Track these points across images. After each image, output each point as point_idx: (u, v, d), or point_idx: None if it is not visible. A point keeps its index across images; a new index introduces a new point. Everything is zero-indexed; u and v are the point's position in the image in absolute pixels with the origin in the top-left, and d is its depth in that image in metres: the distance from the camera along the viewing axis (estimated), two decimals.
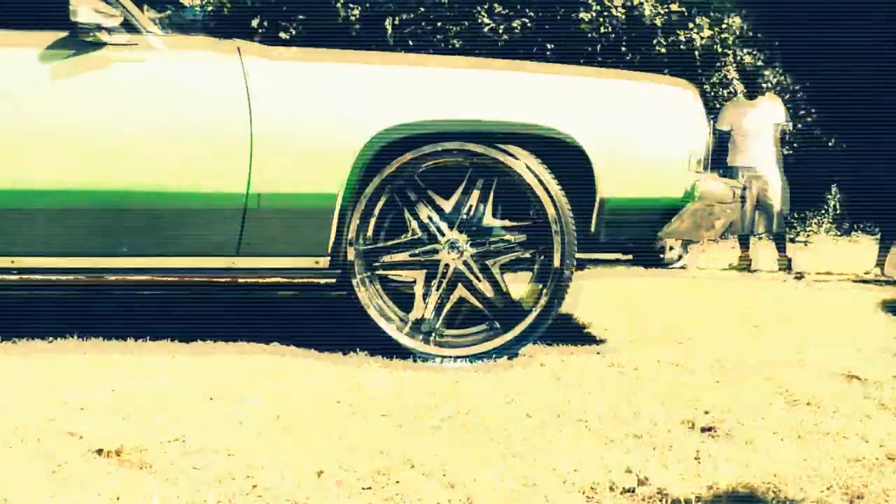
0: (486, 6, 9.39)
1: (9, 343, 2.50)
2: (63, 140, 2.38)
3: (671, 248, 6.40)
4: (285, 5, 9.16)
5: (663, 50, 8.77)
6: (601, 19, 9.11)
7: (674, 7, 8.91)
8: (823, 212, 10.34)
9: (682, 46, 8.94)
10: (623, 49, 8.98)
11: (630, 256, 6.05)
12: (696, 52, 8.93)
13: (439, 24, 9.59)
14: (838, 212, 10.38)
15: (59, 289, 3.52)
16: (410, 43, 9.35)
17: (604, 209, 2.57)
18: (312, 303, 3.54)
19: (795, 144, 8.89)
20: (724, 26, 9.23)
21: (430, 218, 2.57)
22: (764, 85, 6.27)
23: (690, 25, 8.90)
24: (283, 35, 8.77)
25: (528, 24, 9.25)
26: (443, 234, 2.56)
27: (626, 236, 2.78)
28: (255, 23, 8.57)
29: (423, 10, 9.63)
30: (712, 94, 9.06)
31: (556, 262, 2.55)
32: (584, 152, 2.54)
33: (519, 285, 2.63)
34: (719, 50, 9.19)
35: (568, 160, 2.56)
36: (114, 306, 3.25)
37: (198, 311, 3.28)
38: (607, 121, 2.60)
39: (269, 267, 2.57)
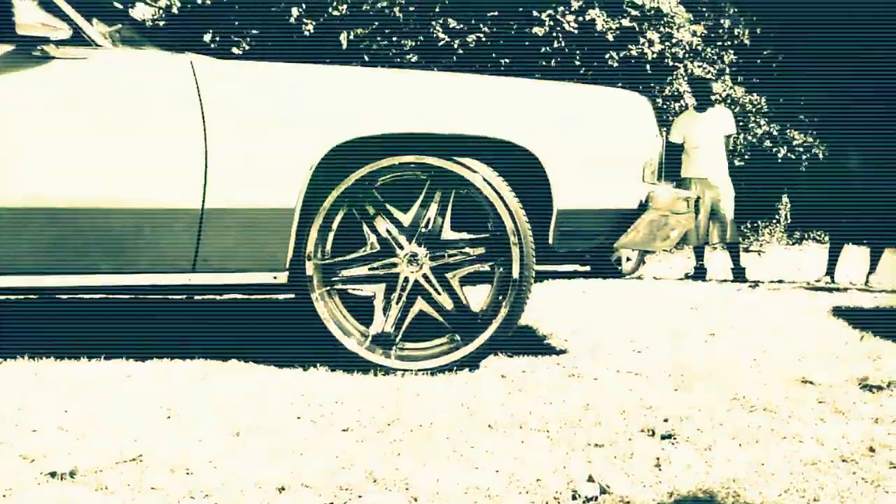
0: (440, 21, 9.45)
1: None
2: (10, 157, 2.31)
3: (628, 259, 6.51)
4: (237, 20, 9.10)
5: (615, 63, 8.92)
6: (554, 33, 9.24)
7: (625, 22, 9.07)
8: (775, 221, 10.61)
9: (633, 60, 9.11)
10: (577, 63, 9.10)
11: (587, 268, 6.12)
12: (648, 66, 9.10)
13: (395, 38, 9.62)
14: (789, 221, 10.66)
15: (8, 307, 3.43)
16: (366, 58, 9.36)
17: (560, 220, 2.58)
18: (271, 318, 3.51)
19: (747, 156, 9.10)
20: (674, 41, 9.43)
21: (388, 231, 2.56)
22: (712, 97, 6.42)
23: (642, 40, 9.08)
24: (235, 50, 8.70)
25: (483, 39, 9.34)
26: (402, 248, 2.56)
27: (583, 247, 2.80)
28: (207, 38, 8.49)
29: (378, 24, 9.65)
30: (664, 106, 9.24)
31: (515, 274, 2.56)
32: (540, 163, 2.56)
33: (479, 297, 2.64)
34: (670, 63, 9.38)
35: (525, 171, 2.58)
36: (66, 324, 3.17)
37: (153, 327, 3.22)
38: (563, 132, 2.62)
39: (227, 283, 2.53)
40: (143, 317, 3.46)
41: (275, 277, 2.50)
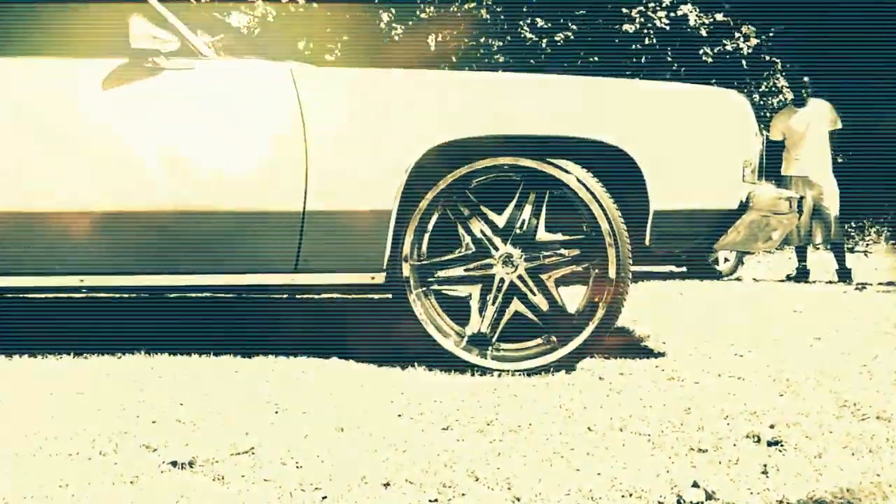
0: (528, 20, 9.41)
1: (80, 359, 2.58)
2: (124, 163, 2.45)
3: (726, 260, 6.32)
4: (329, 27, 9.32)
5: (710, 60, 8.69)
6: (645, 30, 9.08)
7: (718, 17, 8.83)
8: (882, 220, 10.06)
9: (728, 56, 8.85)
10: (668, 59, 8.92)
11: (684, 269, 5.98)
12: (743, 61, 8.83)
13: (482, 39, 9.64)
14: None
15: (125, 307, 3.62)
16: (453, 59, 9.43)
17: (657, 221, 2.55)
18: (370, 317, 3.59)
19: (850, 152, 8.69)
20: (771, 34, 9.11)
21: (483, 232, 2.58)
22: (807, 91, 6.12)
23: (736, 34, 8.82)
24: (327, 56, 8.92)
25: (571, 37, 9.25)
26: (496, 249, 2.57)
27: (681, 248, 2.76)
28: (301, 45, 8.73)
29: (465, 25, 9.70)
30: (761, 102, 8.94)
31: (612, 275, 2.54)
32: (636, 164, 2.53)
33: (575, 298, 2.63)
34: (766, 59, 9.08)
35: (620, 172, 2.55)
36: (178, 322, 3.33)
37: (258, 325, 3.34)
38: (659, 131, 2.59)
39: (327, 283, 2.61)
40: (247, 315, 3.60)
41: (372, 278, 2.56)
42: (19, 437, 1.85)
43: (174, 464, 1.71)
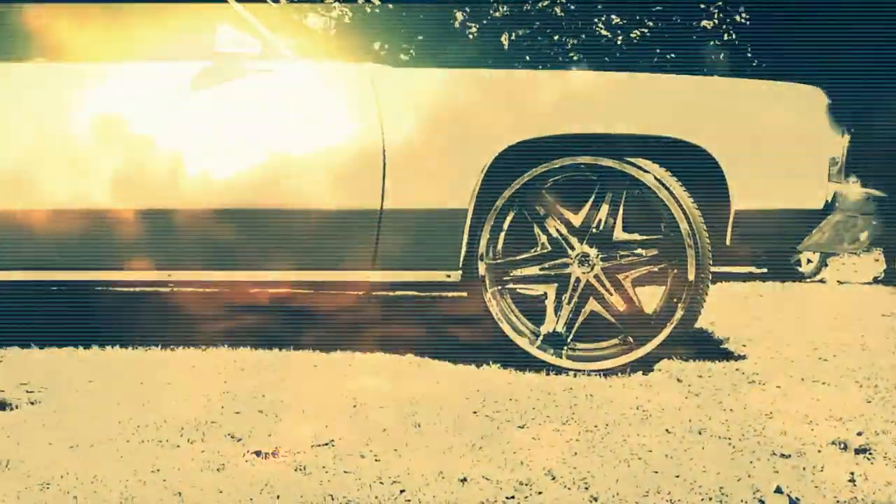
0: (603, 17, 9.30)
1: (167, 351, 2.69)
2: (210, 163, 2.54)
3: (808, 261, 6.13)
4: (404, 27, 9.41)
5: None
6: (724, 26, 8.87)
7: None
8: None
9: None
10: (748, 55, 8.70)
11: (765, 269, 5.82)
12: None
13: (556, 37, 9.58)
14: None
15: (201, 300, 3.75)
16: (527, 58, 9.40)
17: (738, 221, 2.50)
18: (445, 315, 3.61)
19: None
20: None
21: (559, 232, 2.57)
22: None
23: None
24: (402, 56, 9.01)
25: (647, 34, 9.11)
26: (572, 248, 2.56)
27: (763, 249, 2.69)
28: (376, 45, 8.85)
29: (539, 24, 9.65)
30: None
31: (691, 276, 2.50)
32: (717, 162, 2.48)
33: (652, 298, 2.59)
34: None
35: (699, 171, 2.51)
36: (261, 318, 3.43)
37: (336, 322, 3.41)
38: (740, 129, 2.53)
39: (403, 280, 2.65)
40: (324, 312, 3.68)
41: (448, 276, 2.58)
42: (114, 424, 1.95)
43: (258, 453, 1.76)
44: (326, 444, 1.83)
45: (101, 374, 2.41)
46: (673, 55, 8.70)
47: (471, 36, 8.93)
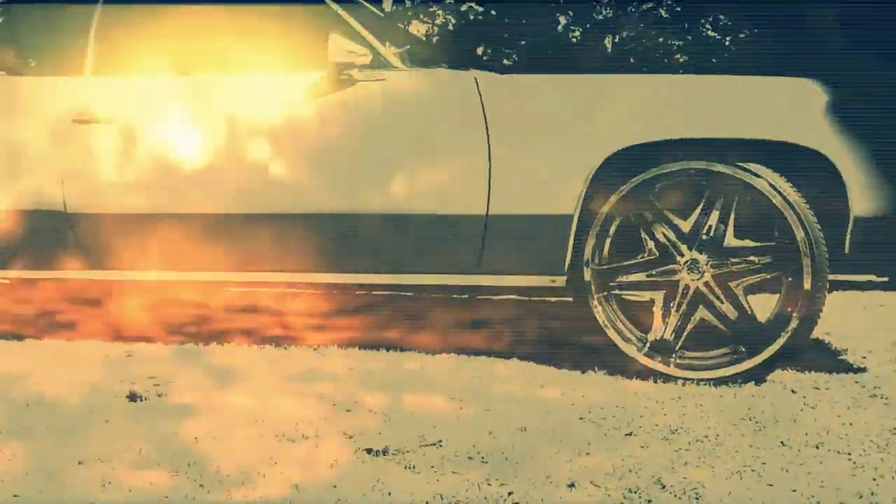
0: (710, 18, 9.07)
1: (282, 349, 2.80)
2: (323, 169, 2.64)
3: None
4: (507, 32, 9.44)
5: None
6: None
7: None
8: None
9: None
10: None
11: (885, 278, 5.51)
12: None
13: (661, 39, 9.40)
14: None
15: (310, 302, 3.87)
16: (632, 60, 9.26)
17: (858, 228, 2.39)
18: (551, 320, 3.61)
19: None
20: None
21: (667, 238, 2.53)
22: None
23: None
24: (506, 61, 9.05)
25: (757, 33, 8.81)
26: (681, 255, 2.52)
27: (886, 258, 2.56)
28: (479, 50, 8.92)
29: (643, 25, 9.49)
30: None
31: (807, 286, 2.41)
32: (835, 167, 2.39)
33: (766, 307, 2.52)
34: None
35: (813, 175, 2.42)
36: (366, 322, 3.52)
37: (438, 324, 3.46)
38: (860, 132, 2.42)
39: (508, 285, 2.67)
40: (427, 313, 3.74)
41: (553, 281, 2.59)
42: (243, 416, 2.06)
43: (369, 451, 1.82)
44: (434, 445, 1.87)
45: (231, 372, 2.53)
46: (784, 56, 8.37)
47: (574, 40, 8.88)
